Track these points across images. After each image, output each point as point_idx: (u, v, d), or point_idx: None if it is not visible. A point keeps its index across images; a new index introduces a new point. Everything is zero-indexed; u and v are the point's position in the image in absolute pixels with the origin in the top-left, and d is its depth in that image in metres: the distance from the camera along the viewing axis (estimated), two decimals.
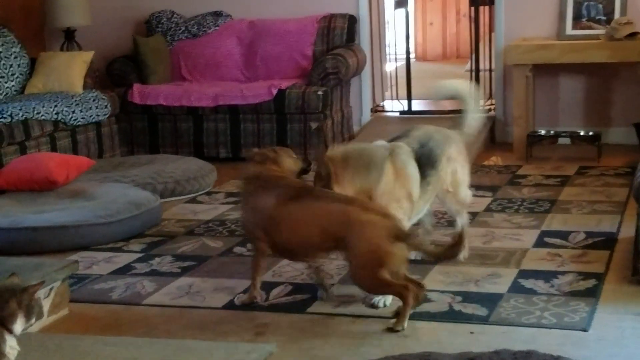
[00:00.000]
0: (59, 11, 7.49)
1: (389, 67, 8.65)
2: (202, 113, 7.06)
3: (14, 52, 7.01)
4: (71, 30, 7.73)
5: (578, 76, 7.13)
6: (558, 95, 7.21)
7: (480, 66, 7.76)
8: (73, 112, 6.57)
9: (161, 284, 4.27)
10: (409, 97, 7.93)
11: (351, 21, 7.41)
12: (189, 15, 7.79)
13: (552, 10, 7.06)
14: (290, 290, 4.07)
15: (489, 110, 7.45)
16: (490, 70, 7.67)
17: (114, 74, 7.47)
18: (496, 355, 3.19)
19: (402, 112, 7.91)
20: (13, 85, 6.94)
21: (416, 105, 8.04)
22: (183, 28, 7.68)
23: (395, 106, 8.03)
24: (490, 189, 5.76)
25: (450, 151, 4.24)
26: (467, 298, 3.89)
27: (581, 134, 6.80)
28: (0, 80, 6.83)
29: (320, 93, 6.86)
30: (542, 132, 6.84)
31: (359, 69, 7.40)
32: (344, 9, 7.48)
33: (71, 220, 4.88)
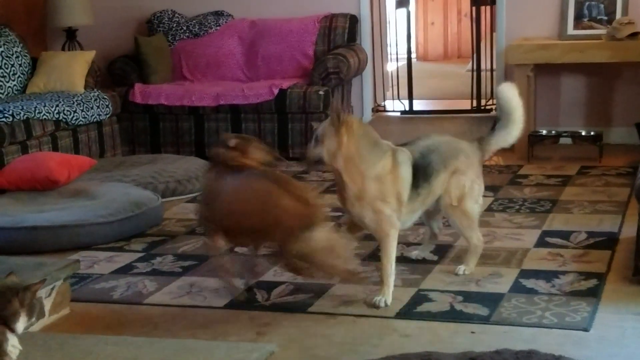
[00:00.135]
0: (60, 11, 7.48)
1: (390, 67, 8.65)
2: (204, 113, 7.06)
3: (16, 52, 7.01)
4: (73, 30, 7.73)
5: (579, 76, 7.13)
6: (559, 95, 7.20)
7: (482, 66, 7.75)
8: (74, 112, 6.56)
9: (162, 283, 4.27)
10: (410, 97, 7.92)
11: (352, 21, 7.41)
12: (190, 15, 7.79)
13: (554, 10, 7.05)
14: (292, 290, 4.07)
15: (490, 110, 7.46)
16: (491, 70, 7.66)
17: (116, 73, 7.47)
18: (497, 355, 3.19)
19: (403, 112, 7.91)
20: (14, 85, 6.94)
21: (417, 105, 8.03)
22: (184, 28, 7.68)
23: (396, 106, 8.02)
24: (491, 188, 5.75)
25: (457, 164, 4.05)
26: (468, 298, 3.88)
27: (582, 133, 6.79)
28: (2, 79, 6.83)
29: (321, 93, 6.86)
30: (544, 132, 6.84)
31: (360, 68, 7.39)
32: (345, 8, 7.47)
33: (72, 220, 4.88)
